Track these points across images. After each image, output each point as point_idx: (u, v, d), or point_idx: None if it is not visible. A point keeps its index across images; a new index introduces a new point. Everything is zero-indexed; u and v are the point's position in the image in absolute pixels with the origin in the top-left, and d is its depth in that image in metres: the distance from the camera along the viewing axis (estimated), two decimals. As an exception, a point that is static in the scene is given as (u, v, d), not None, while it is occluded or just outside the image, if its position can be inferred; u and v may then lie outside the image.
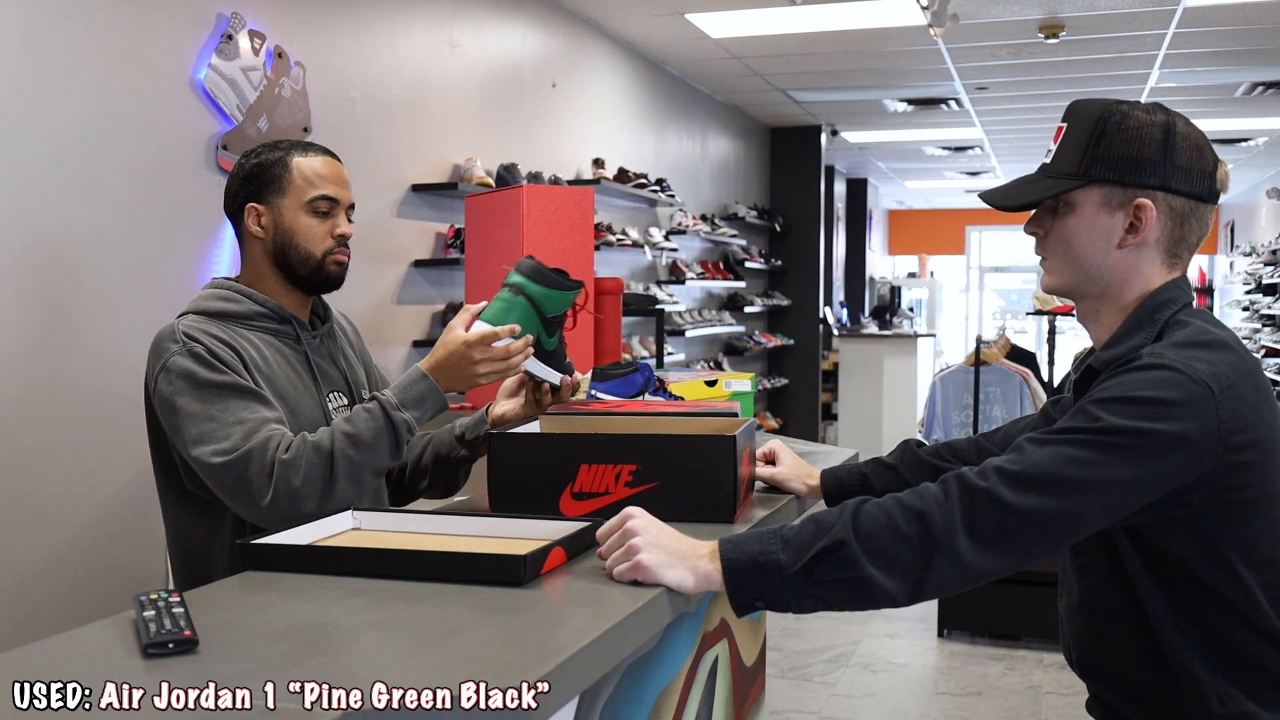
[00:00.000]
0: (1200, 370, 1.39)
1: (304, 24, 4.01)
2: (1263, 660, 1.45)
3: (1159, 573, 1.46)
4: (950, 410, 6.17)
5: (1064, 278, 1.56)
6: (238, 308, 1.98)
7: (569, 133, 6.20)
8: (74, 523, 3.16)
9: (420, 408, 1.89)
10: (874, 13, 6.22)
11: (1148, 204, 1.48)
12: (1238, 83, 8.10)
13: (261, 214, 2.01)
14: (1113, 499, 1.38)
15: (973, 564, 1.37)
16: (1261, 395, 1.45)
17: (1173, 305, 1.51)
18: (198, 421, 1.83)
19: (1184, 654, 1.45)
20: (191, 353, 1.86)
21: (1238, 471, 1.40)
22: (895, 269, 17.84)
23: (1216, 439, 1.38)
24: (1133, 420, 1.37)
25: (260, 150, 2.04)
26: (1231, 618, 1.44)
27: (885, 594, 1.37)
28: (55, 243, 3.09)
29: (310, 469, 1.79)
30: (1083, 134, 1.51)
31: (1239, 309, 12.95)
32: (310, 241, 2.01)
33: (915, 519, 1.37)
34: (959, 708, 4.19)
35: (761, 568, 1.38)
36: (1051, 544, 1.40)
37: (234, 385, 1.85)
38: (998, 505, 1.37)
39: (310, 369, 2.03)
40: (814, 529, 1.39)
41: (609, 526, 1.47)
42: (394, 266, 4.62)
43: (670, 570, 1.39)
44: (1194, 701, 1.45)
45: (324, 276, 2.04)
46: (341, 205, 2.05)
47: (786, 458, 2.00)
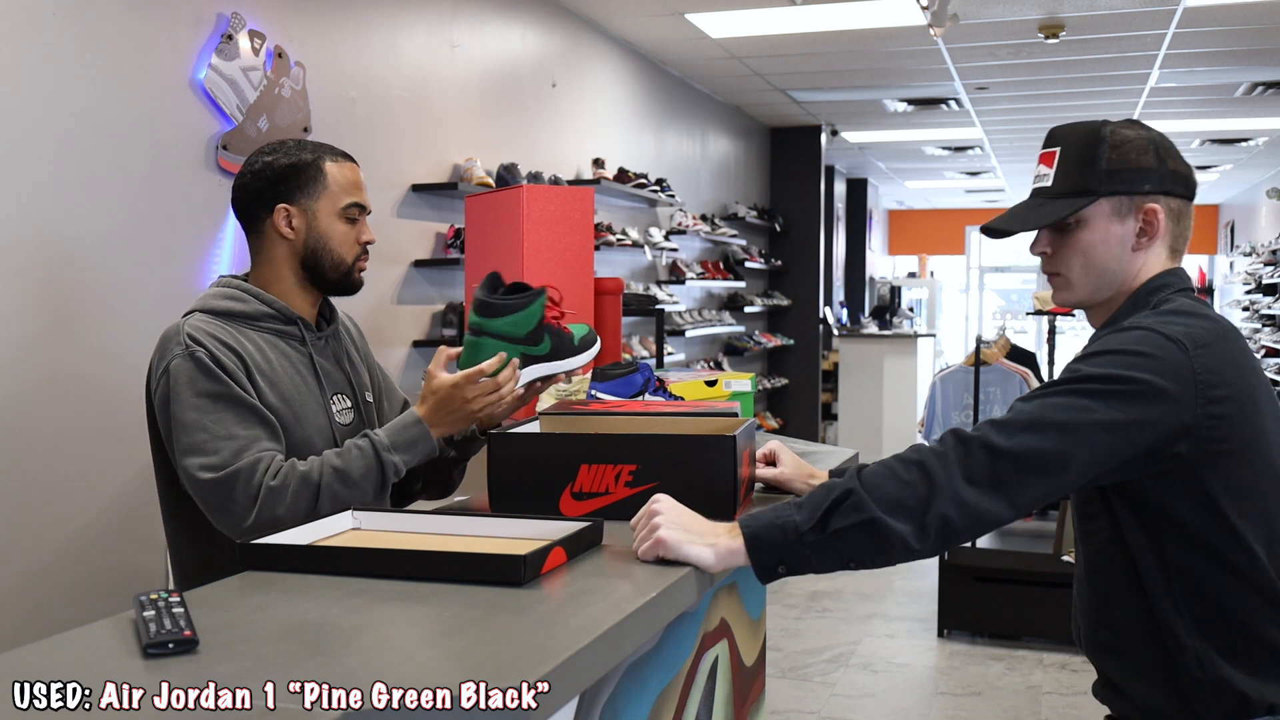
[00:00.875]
0: (1174, 330, 1.52)
1: (304, 24, 4.01)
2: (1256, 623, 1.51)
3: (1154, 533, 1.54)
4: (950, 410, 6.17)
5: (1080, 289, 1.67)
6: (245, 308, 1.98)
7: (569, 133, 6.20)
8: (74, 523, 3.16)
9: (411, 451, 1.92)
10: (874, 13, 6.22)
11: (1156, 208, 1.62)
12: (1238, 83, 8.10)
13: (294, 215, 2.00)
14: (1097, 441, 1.47)
15: (972, 504, 1.45)
16: (1239, 355, 1.56)
17: (1167, 289, 1.63)
18: (189, 430, 1.84)
19: (1171, 616, 1.53)
20: (194, 357, 1.86)
21: (1218, 423, 1.49)
22: (895, 269, 17.84)
23: (1194, 390, 1.48)
24: (1110, 368, 1.49)
25: (286, 150, 2.02)
26: (1230, 577, 1.51)
27: (897, 537, 1.45)
28: (54, 243, 3.09)
29: (296, 499, 1.81)
30: (1080, 154, 1.63)
31: (1239, 309, 12.95)
32: (343, 247, 2.03)
33: (915, 467, 1.47)
34: (959, 708, 4.19)
35: (779, 529, 1.47)
36: (1042, 482, 1.47)
37: (231, 396, 1.85)
38: (988, 449, 1.47)
39: (314, 371, 2.03)
40: (824, 491, 1.50)
41: (639, 515, 1.55)
42: (394, 266, 4.62)
43: (691, 546, 1.48)
44: (1179, 665, 1.53)
45: (351, 282, 2.07)
46: (367, 212, 2.08)
47: (787, 458, 2.01)
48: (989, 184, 14.82)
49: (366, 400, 2.13)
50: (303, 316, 2.04)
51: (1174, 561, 1.52)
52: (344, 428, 2.03)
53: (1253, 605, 1.51)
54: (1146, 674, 1.57)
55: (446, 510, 1.82)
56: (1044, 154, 1.67)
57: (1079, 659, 4.50)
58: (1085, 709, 4.12)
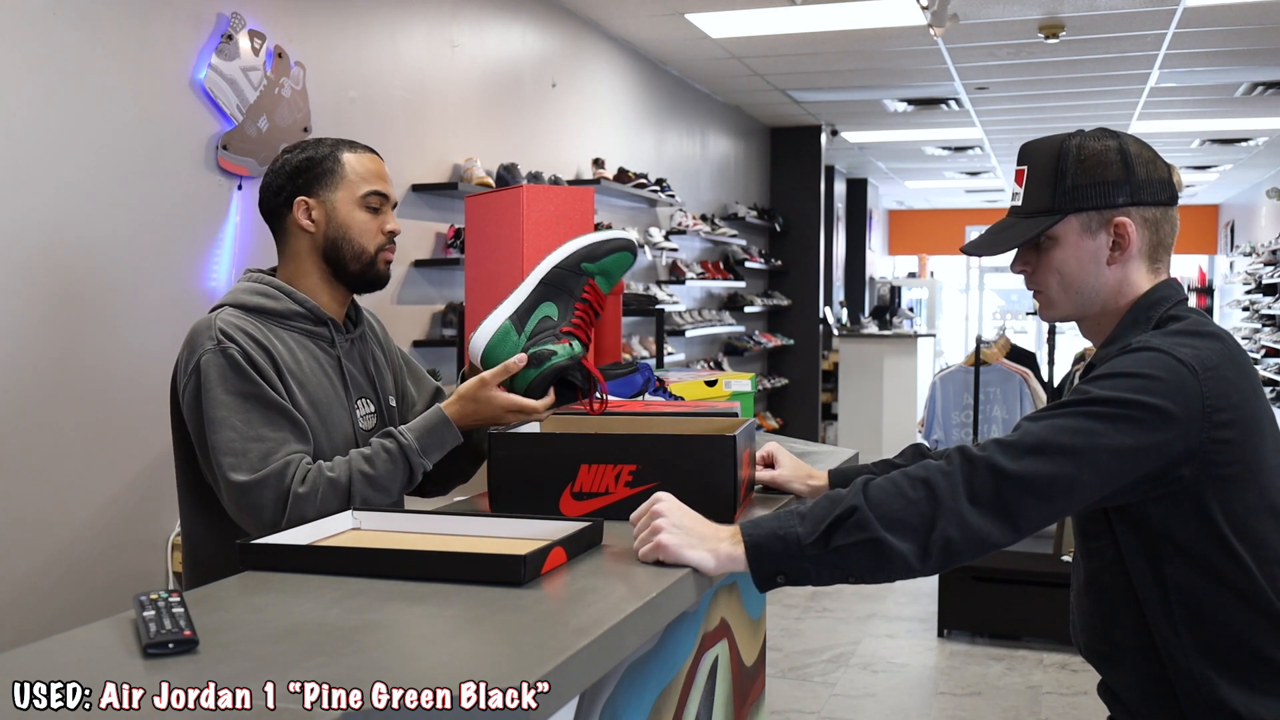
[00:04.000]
0: (1184, 353, 1.50)
1: (304, 24, 4.01)
2: (1255, 642, 1.51)
3: (1154, 555, 1.53)
4: (950, 410, 6.17)
5: (1062, 305, 1.67)
6: (276, 305, 1.95)
7: (569, 133, 6.20)
8: (74, 522, 3.16)
9: (439, 452, 1.91)
10: (874, 13, 6.22)
11: (1125, 221, 1.60)
12: (1238, 83, 8.10)
13: (312, 208, 1.99)
14: (1104, 465, 1.46)
15: (976, 526, 1.45)
16: (1245, 378, 1.54)
17: (1165, 303, 1.61)
18: (217, 428, 1.81)
19: (1169, 638, 1.53)
20: (225, 353, 1.84)
21: (1223, 447, 1.49)
22: (895, 269, 17.84)
23: (1201, 415, 1.47)
24: (1120, 392, 1.47)
25: (305, 146, 2.02)
26: (1227, 594, 1.51)
27: (899, 557, 1.44)
28: (54, 243, 3.09)
29: (325, 505, 1.79)
30: (1046, 171, 1.62)
31: (1239, 309, 12.95)
32: (364, 237, 2.01)
33: (921, 485, 1.46)
34: (959, 708, 4.19)
35: (781, 540, 1.46)
36: (1047, 507, 1.47)
37: (261, 397, 1.83)
38: (994, 471, 1.46)
39: (342, 375, 2.01)
40: (828, 503, 1.48)
41: (638, 511, 1.55)
42: (394, 266, 4.60)
43: (691, 550, 1.48)
44: (1177, 685, 1.53)
45: (374, 274, 2.05)
46: (390, 202, 2.06)
47: (785, 459, 2.01)
48: (989, 184, 14.83)
49: (390, 405, 2.11)
50: (332, 317, 2.02)
51: (1173, 581, 1.52)
52: (366, 433, 2.01)
53: (1252, 623, 1.50)
54: (1144, 690, 1.58)
55: (446, 510, 1.82)
56: (1017, 171, 1.68)
57: (1079, 659, 4.50)
58: (1085, 709, 4.12)
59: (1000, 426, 5.84)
